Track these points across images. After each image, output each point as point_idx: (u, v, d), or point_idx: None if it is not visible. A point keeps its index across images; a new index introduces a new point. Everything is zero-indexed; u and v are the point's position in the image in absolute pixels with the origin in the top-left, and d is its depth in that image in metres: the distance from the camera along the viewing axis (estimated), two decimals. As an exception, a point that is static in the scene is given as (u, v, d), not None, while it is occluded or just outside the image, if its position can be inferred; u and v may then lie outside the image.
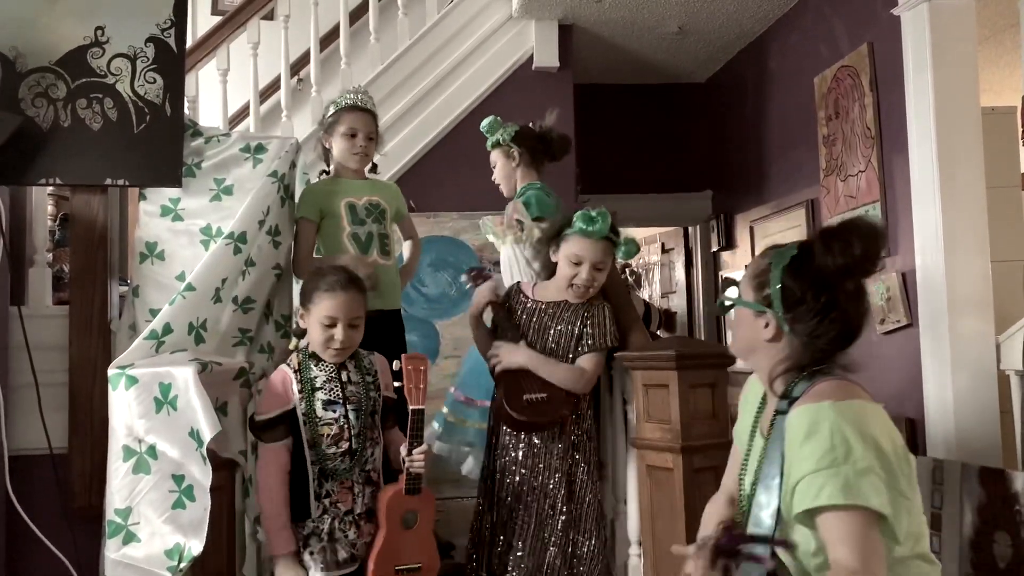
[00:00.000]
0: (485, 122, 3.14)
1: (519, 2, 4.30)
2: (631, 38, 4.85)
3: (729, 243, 5.44)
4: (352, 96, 2.88)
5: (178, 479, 2.12)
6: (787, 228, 4.54)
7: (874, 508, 1.30)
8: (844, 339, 1.47)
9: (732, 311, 1.58)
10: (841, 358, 1.48)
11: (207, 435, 2.06)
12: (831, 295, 1.45)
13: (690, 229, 5.93)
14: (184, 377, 2.11)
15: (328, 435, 2.20)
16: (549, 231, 2.66)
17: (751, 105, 5.03)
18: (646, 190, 5.52)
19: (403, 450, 2.24)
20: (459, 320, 3.81)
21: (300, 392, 2.22)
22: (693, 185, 5.67)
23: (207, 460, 2.08)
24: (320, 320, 2.22)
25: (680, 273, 6.07)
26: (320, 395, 2.22)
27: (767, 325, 1.49)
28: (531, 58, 4.46)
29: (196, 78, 4.23)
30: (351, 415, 2.24)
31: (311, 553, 2.17)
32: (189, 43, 4.16)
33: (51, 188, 3.18)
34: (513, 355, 2.55)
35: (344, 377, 2.28)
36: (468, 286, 2.81)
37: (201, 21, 5.11)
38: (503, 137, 3.10)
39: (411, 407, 2.23)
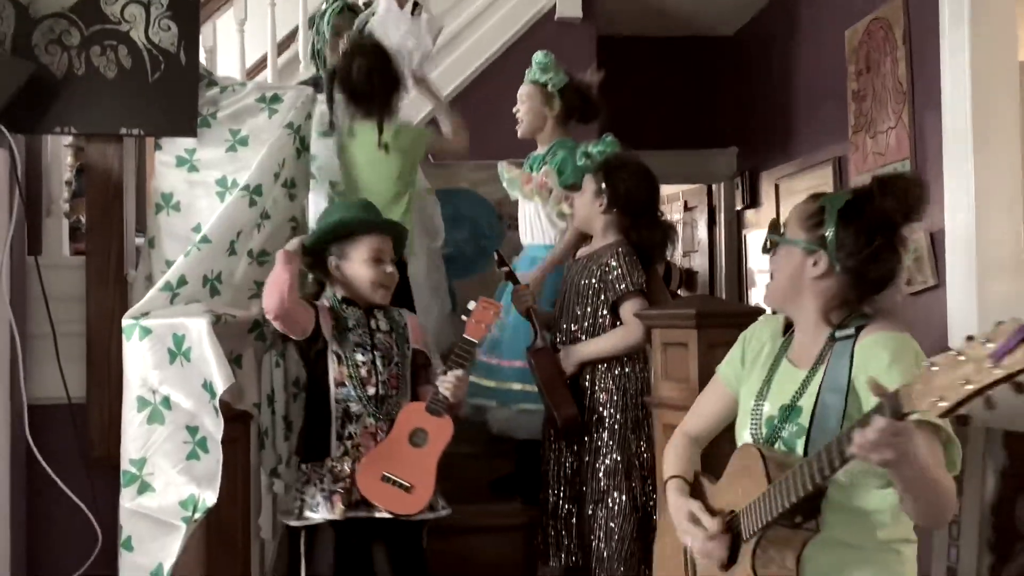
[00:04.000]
0: (541, 56, 3.06)
1: (541, -49, 4.19)
2: (657, -13, 4.72)
3: (753, 201, 5.35)
4: None
5: (192, 430, 2.12)
6: (813, 186, 4.43)
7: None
8: (884, 281, 1.62)
9: (777, 252, 1.67)
10: (878, 302, 1.64)
11: (220, 387, 2.06)
12: (885, 237, 1.58)
13: (714, 187, 5.83)
14: (198, 329, 2.10)
15: (357, 377, 2.27)
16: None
17: (779, 59, 4.90)
18: (669, 146, 5.41)
19: (439, 370, 2.32)
20: (477, 280, 3.58)
21: (335, 329, 2.30)
22: (718, 141, 5.56)
23: (219, 412, 2.08)
24: (364, 259, 2.32)
25: (702, 232, 5.99)
26: (352, 336, 2.31)
27: (816, 263, 1.60)
28: (553, 8, 4.35)
29: (213, 28, 4.16)
30: (378, 361, 2.31)
31: (322, 491, 2.20)
32: (206, -9, 4.11)
33: (69, 138, 3.16)
34: (566, 365, 2.60)
35: (373, 325, 2.36)
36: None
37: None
38: (553, 83, 3.02)
39: (466, 335, 2.31)
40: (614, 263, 2.56)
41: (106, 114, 2.63)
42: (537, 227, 3.06)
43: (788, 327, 1.73)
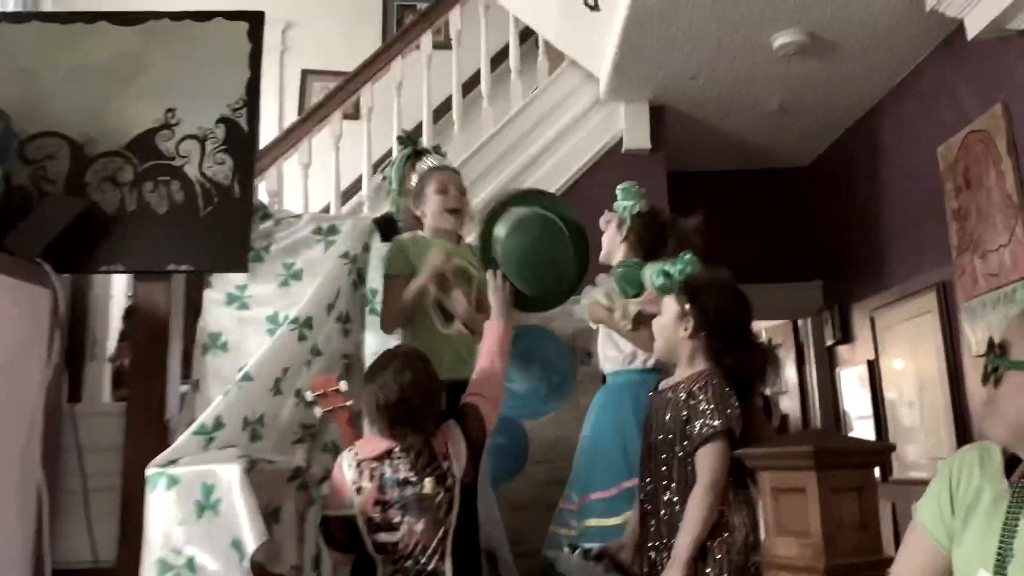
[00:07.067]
0: (626, 185, 3.03)
1: (606, 86, 4.10)
2: (727, 118, 4.57)
3: (846, 336, 4.94)
4: (432, 160, 2.75)
5: (218, 599, 1.80)
6: (915, 315, 4.05)
7: None
8: None
9: (1003, 379, 1.30)
10: None
11: (251, 546, 1.76)
12: None
13: (799, 322, 5.45)
14: (229, 476, 1.83)
15: None
16: None
17: (864, 185, 4.63)
18: (748, 280, 5.08)
19: None
20: (552, 420, 3.33)
21: None
22: (800, 275, 5.23)
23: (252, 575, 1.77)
24: None
25: (791, 371, 5.56)
26: None
27: None
28: (621, 140, 4.23)
29: (279, 172, 4.14)
30: None
31: None
32: (274, 136, 4.12)
33: (123, 280, 3.06)
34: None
35: None
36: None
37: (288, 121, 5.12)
38: (625, 209, 2.96)
39: None
40: (702, 396, 2.20)
41: (155, 251, 2.51)
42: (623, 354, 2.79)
43: (1009, 464, 1.34)
